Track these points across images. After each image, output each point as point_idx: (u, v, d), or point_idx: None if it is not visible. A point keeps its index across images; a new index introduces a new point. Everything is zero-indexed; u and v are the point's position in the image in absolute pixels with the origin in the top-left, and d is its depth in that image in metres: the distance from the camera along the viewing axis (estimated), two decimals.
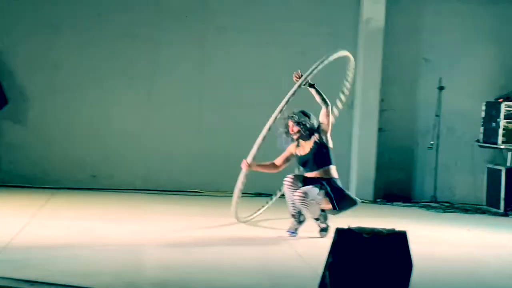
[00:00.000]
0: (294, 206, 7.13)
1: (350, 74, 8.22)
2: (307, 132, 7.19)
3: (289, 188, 7.12)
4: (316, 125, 7.23)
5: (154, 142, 10.11)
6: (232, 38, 10.18)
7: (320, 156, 7.16)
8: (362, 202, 9.94)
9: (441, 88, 10.14)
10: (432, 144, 10.10)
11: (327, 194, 7.05)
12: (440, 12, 10.49)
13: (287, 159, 7.38)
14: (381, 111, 10.31)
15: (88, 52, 9.93)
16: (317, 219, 7.16)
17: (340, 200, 7.11)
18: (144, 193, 9.85)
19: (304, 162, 7.23)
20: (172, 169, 10.11)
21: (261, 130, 9.85)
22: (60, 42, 9.89)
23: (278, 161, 7.42)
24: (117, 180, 10.01)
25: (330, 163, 7.22)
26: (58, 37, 9.88)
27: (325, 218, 7.22)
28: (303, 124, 7.18)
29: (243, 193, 9.76)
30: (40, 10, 9.88)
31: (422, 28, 10.46)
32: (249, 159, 7.44)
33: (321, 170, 7.18)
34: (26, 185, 9.68)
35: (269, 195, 9.96)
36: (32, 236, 6.60)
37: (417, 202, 10.17)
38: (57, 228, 7.07)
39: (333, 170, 7.25)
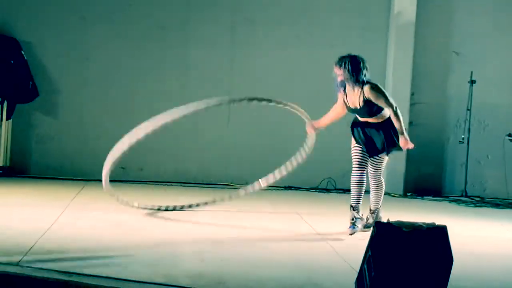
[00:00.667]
0: (360, 196, 6.96)
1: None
2: (352, 78, 6.80)
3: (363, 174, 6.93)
4: (362, 74, 6.83)
5: (184, 135, 10.13)
6: (262, 31, 10.17)
7: (370, 109, 6.83)
8: (392, 196, 9.98)
9: (472, 81, 10.05)
10: (463, 138, 10.03)
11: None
12: (471, 5, 10.41)
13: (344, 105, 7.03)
14: (412, 104, 10.25)
15: (119, 44, 9.96)
16: (374, 212, 7.10)
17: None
18: (173, 185, 9.88)
19: (357, 112, 6.94)
20: (202, 162, 10.13)
21: (291, 124, 9.91)
22: (91, 34, 9.93)
23: (338, 107, 7.11)
24: (146, 172, 10.04)
25: (381, 110, 6.86)
26: (89, 30, 9.93)
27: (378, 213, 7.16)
28: (345, 68, 6.82)
29: (272, 186, 9.83)
30: (70, 2, 9.91)
31: (453, 21, 10.38)
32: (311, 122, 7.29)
33: (374, 117, 6.89)
34: (57, 176, 9.75)
35: (298, 189, 10.02)
36: (66, 228, 6.62)
37: (447, 197, 10.11)
38: (90, 220, 7.10)
39: (386, 112, 6.89)
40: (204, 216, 7.74)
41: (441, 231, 4.65)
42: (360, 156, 6.99)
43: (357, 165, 6.98)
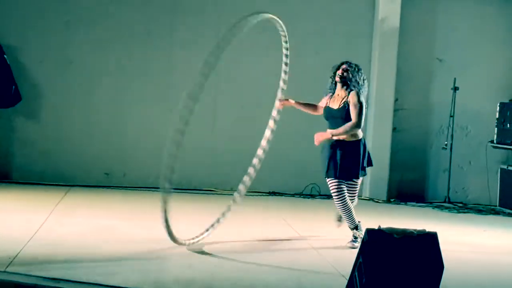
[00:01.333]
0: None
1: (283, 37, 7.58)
2: (351, 81, 6.82)
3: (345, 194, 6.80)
4: (360, 86, 6.85)
5: (168, 141, 10.07)
6: (248, 37, 10.14)
7: (345, 116, 6.74)
8: (376, 201, 10.02)
9: (455, 88, 10.11)
10: (446, 145, 10.09)
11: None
12: (455, 13, 10.49)
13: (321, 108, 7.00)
14: (395, 110, 10.30)
15: (103, 49, 9.90)
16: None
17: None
18: (157, 191, 9.79)
19: (330, 116, 6.84)
20: (185, 168, 10.05)
21: (276, 129, 9.85)
22: (75, 38, 9.86)
23: (318, 106, 7.08)
24: (130, 178, 9.99)
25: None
26: (73, 34, 9.85)
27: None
28: (352, 72, 6.83)
29: (255, 191, 9.83)
30: (53, 6, 9.85)
31: (436, 28, 10.45)
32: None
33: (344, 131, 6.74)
34: (40, 182, 9.67)
35: (282, 195, 10.03)
36: (52, 234, 6.57)
37: (431, 203, 10.16)
38: (75, 226, 7.05)
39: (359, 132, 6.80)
40: (188, 222, 7.70)
41: (432, 237, 4.68)
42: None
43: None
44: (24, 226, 6.77)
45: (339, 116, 6.78)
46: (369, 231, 4.67)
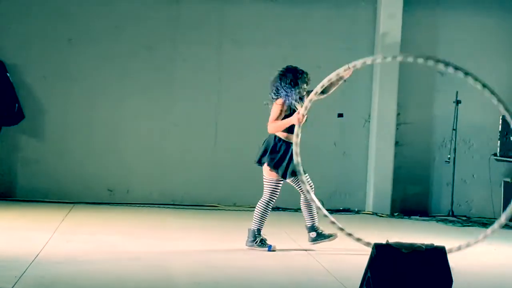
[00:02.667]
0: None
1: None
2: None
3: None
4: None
5: (171, 157, 10.09)
6: (249, 52, 10.18)
7: None
8: (380, 216, 10.00)
9: (457, 102, 10.12)
10: (449, 158, 10.09)
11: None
12: (456, 26, 10.51)
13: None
14: (398, 125, 10.30)
15: (105, 65, 9.93)
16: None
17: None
18: (161, 207, 9.83)
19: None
20: (188, 184, 10.09)
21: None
22: (77, 56, 9.88)
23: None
24: (133, 194, 9.98)
25: None
26: (75, 51, 9.88)
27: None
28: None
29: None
30: (56, 23, 9.88)
31: (437, 42, 10.48)
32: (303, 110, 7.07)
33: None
34: (43, 199, 9.66)
35: (285, 209, 10.01)
36: (57, 251, 6.56)
37: (434, 216, 10.14)
38: (80, 243, 7.04)
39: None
40: (191, 238, 7.69)
41: (440, 252, 4.67)
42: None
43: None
44: (29, 244, 6.76)
45: None
46: (377, 246, 4.67)
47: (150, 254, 6.75)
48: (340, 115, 10.13)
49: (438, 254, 4.64)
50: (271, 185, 7.20)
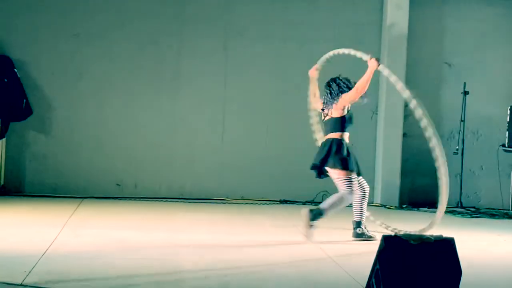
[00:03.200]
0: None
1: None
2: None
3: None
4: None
5: (178, 151, 10.11)
6: (255, 46, 10.18)
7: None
8: (388, 208, 9.99)
9: (465, 93, 10.10)
10: (457, 149, 10.07)
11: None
12: (463, 17, 10.49)
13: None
14: (405, 116, 10.28)
15: (112, 61, 9.94)
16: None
17: None
18: (169, 201, 9.84)
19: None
20: (196, 177, 10.10)
21: (285, 137, 9.93)
22: (84, 51, 9.90)
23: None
24: (142, 189, 10.01)
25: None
26: (82, 46, 9.90)
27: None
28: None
29: (267, 200, 9.85)
30: (63, 19, 9.90)
31: (445, 33, 10.45)
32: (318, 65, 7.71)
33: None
34: (51, 194, 9.70)
35: (293, 203, 10.02)
36: (67, 246, 6.58)
37: None
38: (89, 237, 7.06)
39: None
40: (203, 232, 7.71)
41: (449, 243, 4.66)
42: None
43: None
44: (38, 239, 6.77)
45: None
46: (385, 238, 4.66)
47: (159, 247, 6.76)
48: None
49: (447, 246, 4.63)
50: (346, 180, 7.28)
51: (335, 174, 7.34)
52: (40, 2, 9.86)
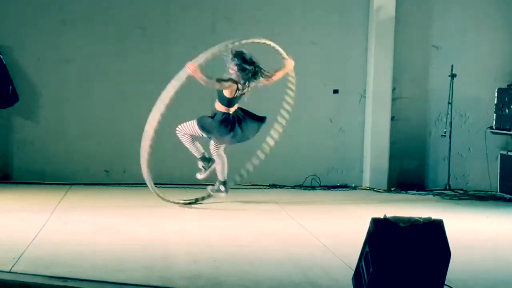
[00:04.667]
0: None
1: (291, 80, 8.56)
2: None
3: None
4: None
5: (168, 137, 10.04)
6: (243, 30, 10.12)
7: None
8: (377, 191, 10.01)
9: (453, 75, 10.10)
10: (445, 132, 10.08)
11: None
12: None
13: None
14: (393, 99, 10.28)
15: (99, 46, 9.87)
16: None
17: None
18: (158, 187, 9.78)
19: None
20: (185, 163, 10.05)
21: (273, 121, 9.90)
22: (71, 36, 9.83)
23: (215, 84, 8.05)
24: (130, 174, 9.96)
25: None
26: (68, 32, 9.82)
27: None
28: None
29: (255, 184, 9.83)
30: (49, 4, 9.81)
31: (432, 15, 10.43)
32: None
33: None
34: (39, 181, 9.65)
35: (282, 187, 10.02)
36: (55, 233, 6.57)
37: (431, 190, 10.14)
38: (78, 224, 7.04)
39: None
40: (191, 216, 7.71)
41: (438, 225, 4.68)
42: None
43: None
44: (27, 226, 6.76)
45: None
46: (374, 221, 4.67)
47: (148, 233, 6.76)
48: (336, 91, 10.12)
49: (436, 228, 4.64)
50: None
51: None
52: None
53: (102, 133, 9.96)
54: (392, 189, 10.14)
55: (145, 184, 9.81)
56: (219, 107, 8.10)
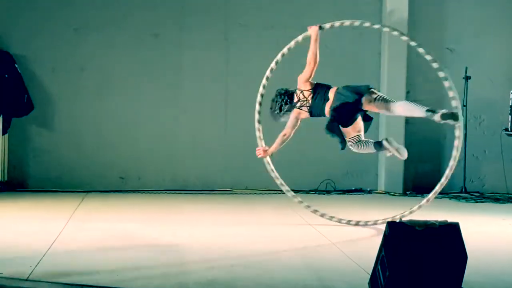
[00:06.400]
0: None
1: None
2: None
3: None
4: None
5: (182, 143, 10.11)
6: (256, 36, 10.15)
7: None
8: (392, 195, 9.99)
9: (467, 77, 10.07)
10: None
11: None
12: (464, 1, 10.45)
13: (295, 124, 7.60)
14: None
15: (113, 53, 9.93)
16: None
17: None
18: (173, 193, 9.85)
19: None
20: (200, 169, 10.10)
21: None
22: (85, 44, 9.89)
23: (288, 130, 7.61)
24: (145, 181, 10.01)
25: None
26: (83, 40, 9.89)
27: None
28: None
29: (270, 189, 9.83)
30: (63, 13, 9.88)
31: (446, 18, 10.41)
32: (266, 147, 7.78)
33: None
34: (55, 189, 9.71)
35: (297, 191, 10.01)
36: (72, 240, 6.59)
37: (447, 193, 10.09)
38: (94, 231, 7.06)
39: None
40: (205, 222, 7.71)
41: (454, 228, 4.66)
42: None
43: None
44: (43, 234, 6.78)
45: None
46: (390, 224, 4.65)
47: (164, 239, 6.78)
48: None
49: (452, 231, 4.62)
50: None
51: None
52: None
53: (117, 140, 10.00)
54: (408, 192, 10.12)
55: (160, 190, 9.90)
56: None
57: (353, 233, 7.20)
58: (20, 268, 5.37)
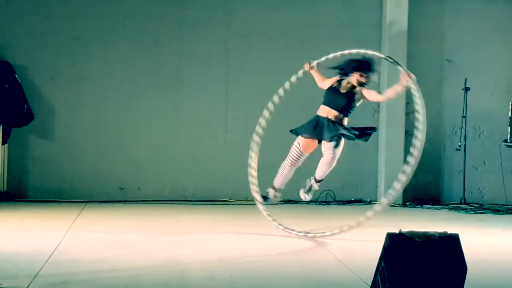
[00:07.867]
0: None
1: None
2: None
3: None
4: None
5: (181, 153, 10.11)
6: (256, 46, 10.17)
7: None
8: (392, 206, 9.98)
9: (466, 89, 10.09)
10: (459, 146, 10.06)
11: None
12: (463, 13, 10.48)
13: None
14: (407, 113, 10.28)
15: (112, 64, 9.95)
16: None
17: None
18: (172, 204, 9.84)
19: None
20: (199, 179, 10.10)
21: (287, 137, 9.89)
22: (85, 54, 9.91)
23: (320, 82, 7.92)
24: (145, 192, 10.01)
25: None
26: (83, 50, 9.91)
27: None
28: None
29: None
30: (62, 23, 9.90)
31: (445, 29, 10.45)
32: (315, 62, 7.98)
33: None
34: (54, 199, 9.70)
35: (297, 202, 10.01)
36: (71, 250, 6.58)
37: (446, 204, 10.13)
38: (94, 242, 7.05)
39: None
40: (204, 233, 7.70)
41: (454, 239, 4.65)
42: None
43: None
44: (43, 244, 6.77)
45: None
46: (390, 236, 4.65)
47: (163, 250, 6.76)
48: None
49: (452, 242, 4.62)
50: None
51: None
52: (39, 7, 9.86)
53: (116, 150, 10.01)
54: (407, 203, 10.12)
55: (160, 200, 9.89)
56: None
57: (353, 244, 7.19)
58: (19, 278, 5.37)
